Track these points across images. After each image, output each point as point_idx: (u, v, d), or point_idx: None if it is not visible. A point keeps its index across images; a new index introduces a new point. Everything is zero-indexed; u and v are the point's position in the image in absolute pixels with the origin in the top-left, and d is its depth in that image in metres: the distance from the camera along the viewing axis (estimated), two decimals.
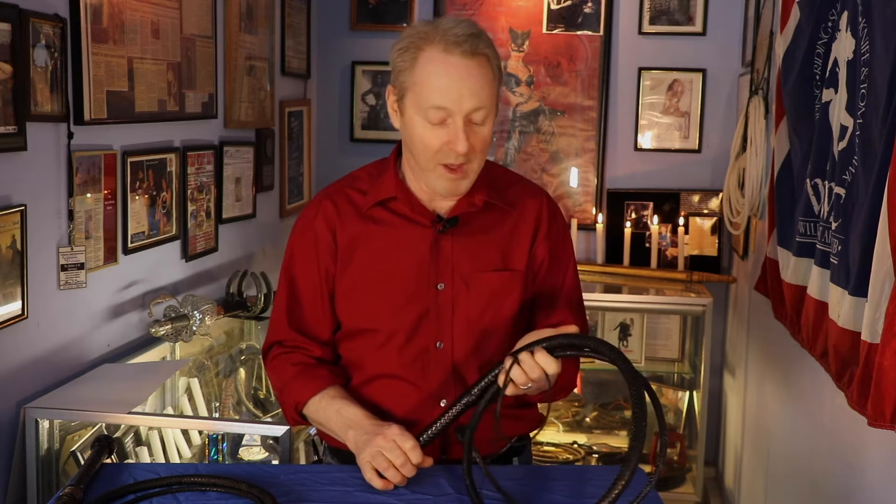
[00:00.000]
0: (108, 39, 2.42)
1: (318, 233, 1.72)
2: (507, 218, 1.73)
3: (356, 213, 1.71)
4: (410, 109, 1.61)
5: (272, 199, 3.74)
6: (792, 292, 2.36)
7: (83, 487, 1.51)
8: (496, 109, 1.64)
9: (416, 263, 1.68)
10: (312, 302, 1.74)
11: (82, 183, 2.37)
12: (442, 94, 1.56)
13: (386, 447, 1.53)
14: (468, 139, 1.57)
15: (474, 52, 1.56)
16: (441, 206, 1.70)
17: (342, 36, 4.19)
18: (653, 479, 1.41)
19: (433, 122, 1.58)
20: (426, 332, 1.68)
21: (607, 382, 4.07)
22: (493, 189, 1.72)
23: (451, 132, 1.57)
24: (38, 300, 2.23)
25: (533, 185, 1.81)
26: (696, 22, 3.97)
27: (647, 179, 4.08)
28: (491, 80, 1.59)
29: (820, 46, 2.25)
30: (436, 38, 1.57)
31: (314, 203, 1.76)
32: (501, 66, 1.65)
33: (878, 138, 1.66)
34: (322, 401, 1.67)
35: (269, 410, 2.84)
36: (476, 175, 1.65)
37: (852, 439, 1.99)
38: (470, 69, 1.56)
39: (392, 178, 1.71)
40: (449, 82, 1.55)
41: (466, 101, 1.56)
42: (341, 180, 1.78)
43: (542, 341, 1.51)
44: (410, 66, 1.59)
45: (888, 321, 1.54)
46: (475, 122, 1.58)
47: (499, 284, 1.70)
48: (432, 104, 1.56)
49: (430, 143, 1.59)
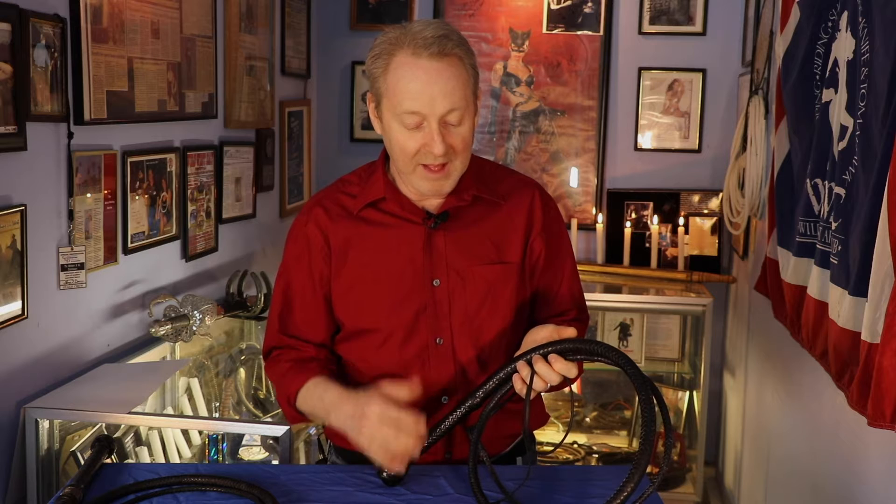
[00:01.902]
0: (108, 39, 2.42)
1: (310, 238, 1.73)
2: (498, 211, 1.73)
3: (347, 216, 1.72)
4: (387, 115, 1.61)
5: (272, 199, 3.74)
6: (792, 292, 2.36)
7: (83, 487, 1.51)
8: (475, 107, 1.63)
9: (410, 261, 1.68)
10: (304, 307, 1.75)
11: (82, 183, 2.37)
12: (414, 98, 1.56)
13: (378, 437, 1.50)
14: (445, 140, 1.57)
15: (443, 54, 1.56)
16: (431, 203, 1.71)
17: (342, 36, 4.19)
18: (656, 481, 1.41)
19: (409, 127, 1.58)
20: (425, 328, 1.68)
21: (607, 383, 4.07)
22: (481, 183, 1.72)
23: (426, 135, 1.57)
24: (38, 300, 2.23)
25: (525, 178, 1.81)
26: (696, 22, 3.97)
27: (647, 179, 4.08)
28: (465, 80, 1.59)
29: (820, 46, 2.25)
30: (405, 43, 1.57)
31: (305, 210, 1.77)
32: (475, 63, 1.64)
33: (878, 138, 1.66)
34: (308, 390, 1.68)
35: (269, 410, 2.84)
36: (459, 174, 1.65)
37: (852, 439, 1.99)
38: (441, 71, 1.56)
39: (381, 179, 1.71)
40: (420, 86, 1.55)
41: (439, 104, 1.56)
42: (331, 186, 1.79)
43: (552, 346, 1.51)
44: (383, 72, 1.59)
45: (888, 321, 1.54)
46: (451, 123, 1.58)
47: (494, 277, 1.70)
48: (405, 109, 1.57)
49: (408, 147, 1.59)
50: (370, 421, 1.51)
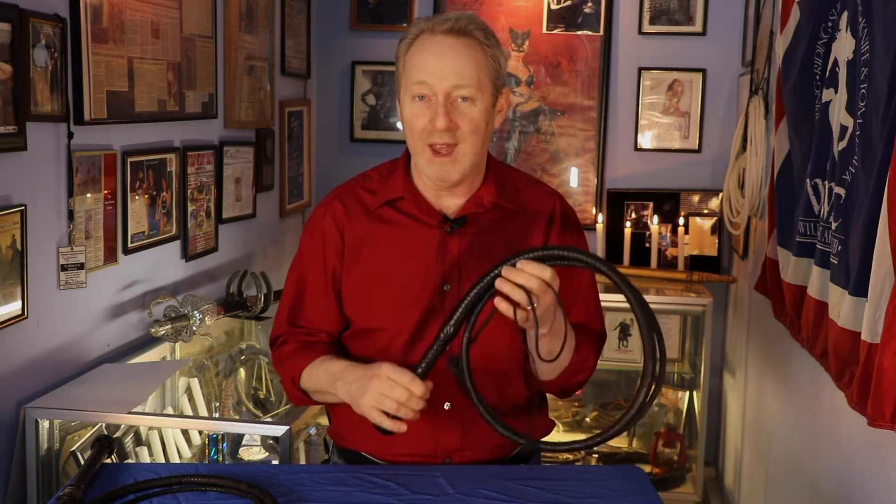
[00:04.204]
0: (108, 39, 2.42)
1: (325, 232, 1.73)
2: (517, 220, 1.71)
3: (365, 213, 1.71)
4: (402, 92, 1.64)
5: (272, 199, 3.74)
6: (792, 292, 2.36)
7: (83, 487, 1.51)
8: (492, 96, 1.62)
9: (422, 264, 1.67)
10: (315, 300, 1.75)
11: (82, 183, 2.37)
12: (423, 69, 1.58)
13: (385, 387, 1.50)
14: (449, 116, 1.57)
15: (460, 32, 1.58)
16: (449, 205, 1.70)
17: (342, 36, 4.19)
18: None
19: (417, 99, 1.60)
20: (432, 332, 1.66)
21: (607, 382, 4.07)
22: (503, 190, 1.71)
23: (433, 109, 1.59)
24: (38, 300, 2.23)
25: (548, 188, 1.79)
26: (696, 22, 3.97)
27: (647, 179, 4.08)
28: (479, 62, 1.59)
29: (820, 46, 2.26)
30: (430, 25, 1.61)
31: (324, 202, 1.77)
32: (499, 55, 1.63)
33: (878, 138, 1.66)
34: (312, 367, 1.68)
35: (269, 410, 2.84)
36: (469, 161, 1.62)
37: (852, 439, 1.99)
38: (454, 47, 1.58)
39: (401, 177, 1.71)
40: (431, 58, 1.58)
41: (448, 78, 1.57)
42: (353, 179, 1.79)
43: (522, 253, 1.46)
44: (405, 52, 1.63)
45: (888, 321, 1.54)
46: (459, 101, 1.59)
47: None
48: (416, 79, 1.59)
49: (416, 124, 1.60)
50: (379, 378, 1.51)
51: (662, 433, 3.82)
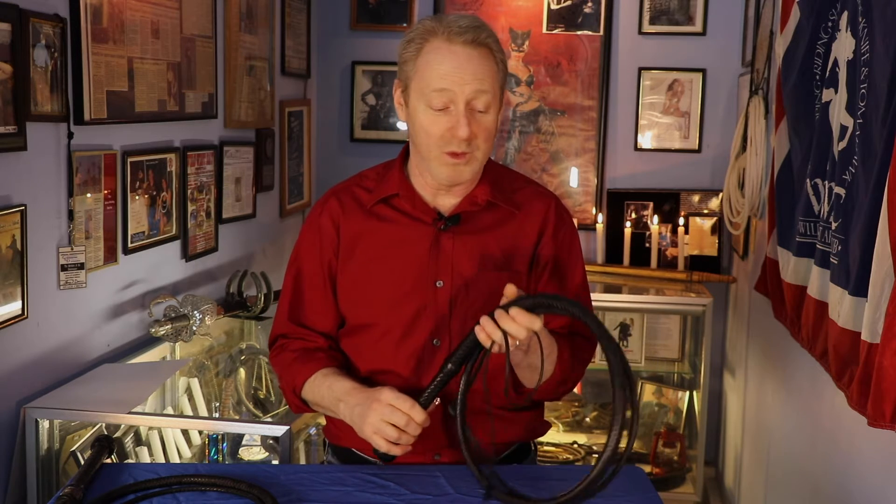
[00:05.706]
0: (108, 39, 2.42)
1: (322, 229, 1.74)
2: (511, 219, 1.73)
3: (360, 210, 1.73)
4: (414, 97, 1.63)
5: (272, 199, 3.74)
6: (792, 292, 2.36)
7: (83, 487, 1.51)
8: (500, 104, 1.66)
9: (415, 260, 1.69)
10: (313, 296, 1.76)
11: (82, 183, 2.37)
12: (444, 76, 1.59)
13: (386, 412, 1.53)
14: (470, 126, 1.59)
15: (477, 42, 1.60)
16: (444, 204, 1.71)
17: (342, 36, 4.19)
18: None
19: (436, 108, 1.60)
20: (423, 328, 1.68)
21: (607, 383, 4.03)
22: (497, 189, 1.72)
23: (452, 118, 1.60)
24: (38, 300, 2.23)
25: (542, 189, 1.81)
26: (696, 22, 3.97)
27: (647, 179, 4.08)
28: (494, 71, 1.62)
29: (820, 46, 2.25)
30: (440, 30, 1.61)
31: (321, 200, 1.79)
32: (505, 60, 1.67)
33: (878, 138, 1.66)
34: (316, 380, 1.69)
35: (269, 410, 2.84)
36: (480, 164, 1.66)
37: (852, 439, 1.99)
38: (472, 57, 1.59)
39: (397, 175, 1.73)
40: (451, 66, 1.59)
41: (469, 85, 1.58)
42: (350, 179, 1.81)
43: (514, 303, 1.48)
44: (415, 55, 1.62)
45: (888, 321, 1.54)
46: (478, 109, 1.60)
47: (499, 284, 1.68)
48: (435, 87, 1.59)
49: (433, 131, 1.61)
50: (381, 403, 1.53)
51: (662, 433, 3.82)
